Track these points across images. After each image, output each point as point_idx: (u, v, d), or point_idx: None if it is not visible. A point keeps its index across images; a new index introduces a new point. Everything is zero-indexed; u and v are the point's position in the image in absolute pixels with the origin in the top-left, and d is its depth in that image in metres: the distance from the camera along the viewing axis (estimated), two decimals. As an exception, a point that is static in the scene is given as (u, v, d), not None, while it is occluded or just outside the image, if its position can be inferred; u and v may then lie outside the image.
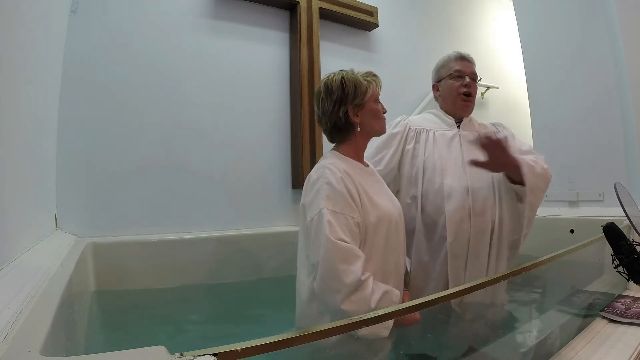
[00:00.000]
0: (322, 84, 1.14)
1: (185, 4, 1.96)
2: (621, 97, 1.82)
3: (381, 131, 1.19)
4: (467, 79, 1.38)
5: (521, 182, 1.24)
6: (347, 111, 1.11)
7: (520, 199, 1.29)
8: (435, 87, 1.48)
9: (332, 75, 1.14)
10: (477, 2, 3.25)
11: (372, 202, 1.08)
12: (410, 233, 1.31)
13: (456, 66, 1.40)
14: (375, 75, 1.17)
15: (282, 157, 2.17)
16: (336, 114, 1.12)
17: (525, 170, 1.22)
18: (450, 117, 1.43)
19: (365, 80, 1.12)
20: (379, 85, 1.17)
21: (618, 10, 1.81)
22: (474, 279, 0.96)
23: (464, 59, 1.41)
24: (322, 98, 1.13)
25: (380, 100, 1.18)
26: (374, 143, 1.36)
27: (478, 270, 1.27)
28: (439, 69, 1.46)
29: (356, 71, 1.15)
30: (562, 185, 2.02)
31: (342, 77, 1.11)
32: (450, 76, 1.41)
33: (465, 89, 1.39)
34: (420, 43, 2.78)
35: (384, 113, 1.17)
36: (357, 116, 1.12)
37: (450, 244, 1.26)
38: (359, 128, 1.13)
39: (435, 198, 1.30)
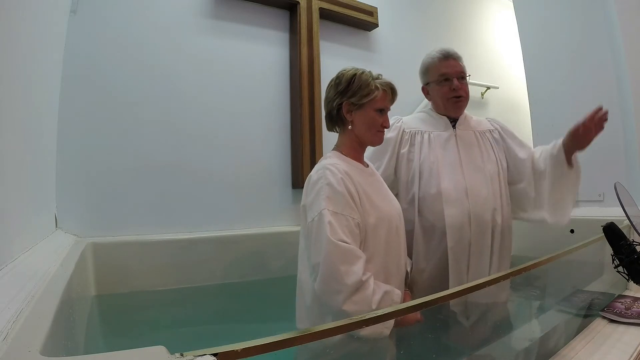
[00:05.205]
0: (339, 72, 1.15)
1: (185, 4, 1.96)
2: (621, 97, 1.82)
3: (371, 141, 1.16)
4: (455, 81, 1.33)
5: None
6: (341, 104, 1.12)
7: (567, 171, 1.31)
8: (424, 90, 1.44)
9: (352, 69, 1.13)
10: (477, 2, 3.25)
11: (372, 203, 1.07)
12: (409, 235, 1.30)
13: (442, 69, 1.35)
14: (392, 88, 1.14)
15: (282, 157, 2.16)
16: (332, 103, 1.14)
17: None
18: (444, 118, 1.40)
19: (375, 85, 1.11)
20: (389, 97, 1.14)
21: (618, 10, 1.80)
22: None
23: (448, 58, 1.34)
24: (331, 84, 1.16)
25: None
26: (370, 147, 1.35)
27: (481, 270, 1.27)
28: (425, 72, 1.41)
29: (380, 77, 1.14)
30: (562, 185, 2.01)
31: (355, 74, 1.12)
32: (437, 81, 1.37)
33: (454, 93, 1.34)
34: (420, 43, 2.78)
35: (385, 127, 1.14)
36: (351, 114, 1.12)
37: (451, 249, 1.25)
38: (350, 126, 1.13)
39: (434, 202, 1.29)
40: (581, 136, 1.23)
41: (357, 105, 1.11)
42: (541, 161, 1.34)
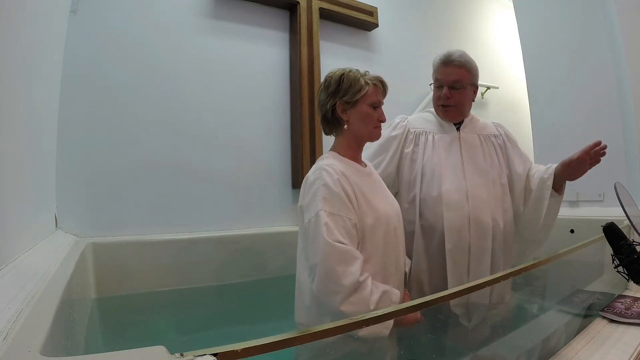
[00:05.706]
0: (327, 75, 1.16)
1: (185, 4, 1.96)
2: (621, 97, 1.82)
3: (369, 137, 1.16)
4: (445, 90, 1.33)
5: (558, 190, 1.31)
6: (335, 105, 1.12)
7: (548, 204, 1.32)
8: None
9: (339, 70, 1.14)
10: (477, 2, 3.25)
11: (369, 203, 1.07)
12: (409, 235, 1.30)
13: (437, 74, 1.36)
14: (381, 82, 1.14)
15: (282, 157, 2.17)
16: (325, 106, 1.14)
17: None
18: (447, 121, 1.40)
19: (365, 81, 1.11)
20: (380, 91, 1.14)
21: (618, 10, 1.80)
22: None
23: (446, 64, 1.34)
24: (321, 88, 1.16)
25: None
26: (373, 144, 1.35)
27: (482, 273, 1.26)
28: (432, 71, 1.42)
29: (368, 73, 1.14)
30: (562, 185, 2.01)
31: (343, 73, 1.12)
32: (433, 85, 1.40)
33: (441, 101, 1.36)
34: (420, 43, 2.78)
35: (381, 121, 1.14)
36: (346, 113, 1.12)
37: (449, 252, 1.25)
38: (346, 126, 1.13)
39: (434, 204, 1.29)
40: (574, 168, 1.25)
41: (350, 104, 1.11)
42: (532, 181, 1.36)
